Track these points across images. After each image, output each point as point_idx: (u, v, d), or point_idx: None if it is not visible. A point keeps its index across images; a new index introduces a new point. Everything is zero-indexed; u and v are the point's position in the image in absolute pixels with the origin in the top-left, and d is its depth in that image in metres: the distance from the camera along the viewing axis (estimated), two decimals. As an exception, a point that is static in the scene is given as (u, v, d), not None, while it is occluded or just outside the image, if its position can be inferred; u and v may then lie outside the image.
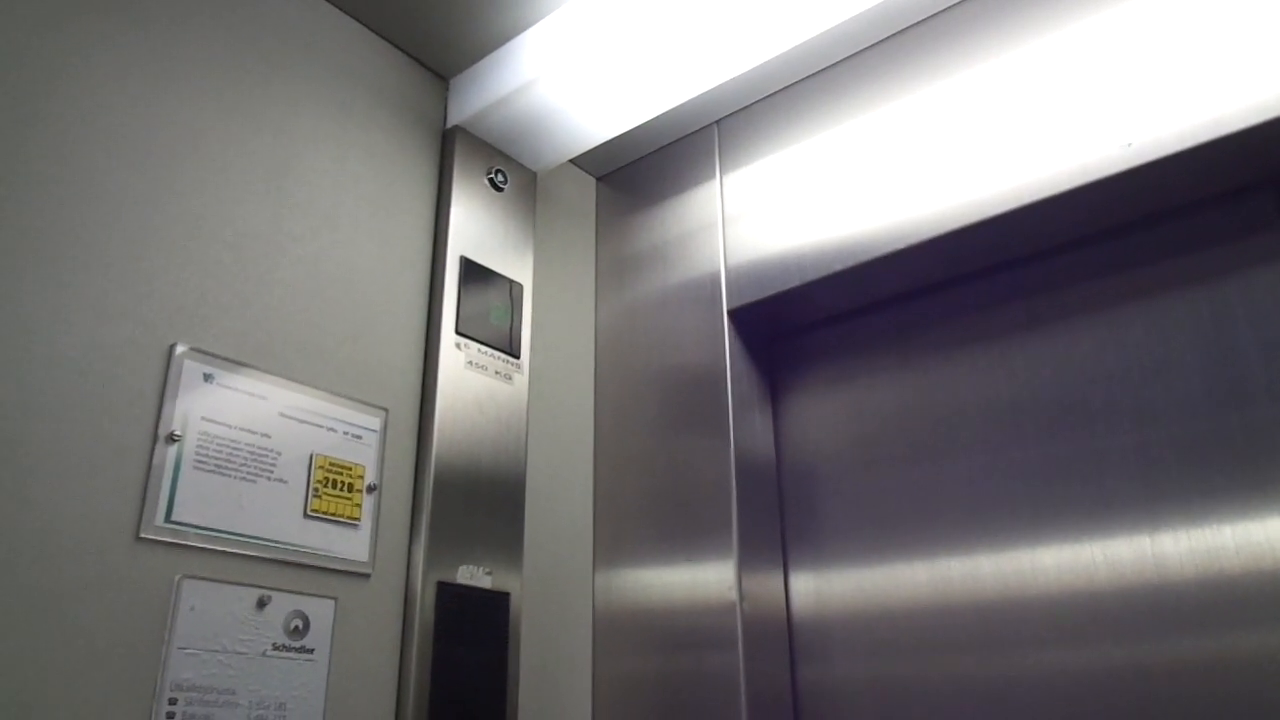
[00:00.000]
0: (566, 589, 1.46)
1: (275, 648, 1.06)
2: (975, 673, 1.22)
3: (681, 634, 1.36)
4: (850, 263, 1.34)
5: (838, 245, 1.36)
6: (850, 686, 1.32)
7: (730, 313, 1.47)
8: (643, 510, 1.46)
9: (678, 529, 1.41)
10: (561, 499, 1.50)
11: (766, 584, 1.39)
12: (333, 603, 1.13)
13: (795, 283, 1.39)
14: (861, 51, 1.44)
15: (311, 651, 1.10)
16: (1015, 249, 1.31)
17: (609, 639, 1.45)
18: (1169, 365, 1.17)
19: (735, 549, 1.34)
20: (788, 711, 1.35)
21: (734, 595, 1.32)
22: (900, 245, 1.30)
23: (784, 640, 1.39)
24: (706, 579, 1.35)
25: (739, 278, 1.47)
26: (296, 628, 1.09)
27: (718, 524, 1.37)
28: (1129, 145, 1.14)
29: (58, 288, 0.99)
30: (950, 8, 1.35)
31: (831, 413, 1.46)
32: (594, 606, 1.48)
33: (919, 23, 1.38)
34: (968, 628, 1.24)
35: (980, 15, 1.32)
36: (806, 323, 1.52)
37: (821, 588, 1.39)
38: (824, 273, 1.36)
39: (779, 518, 1.46)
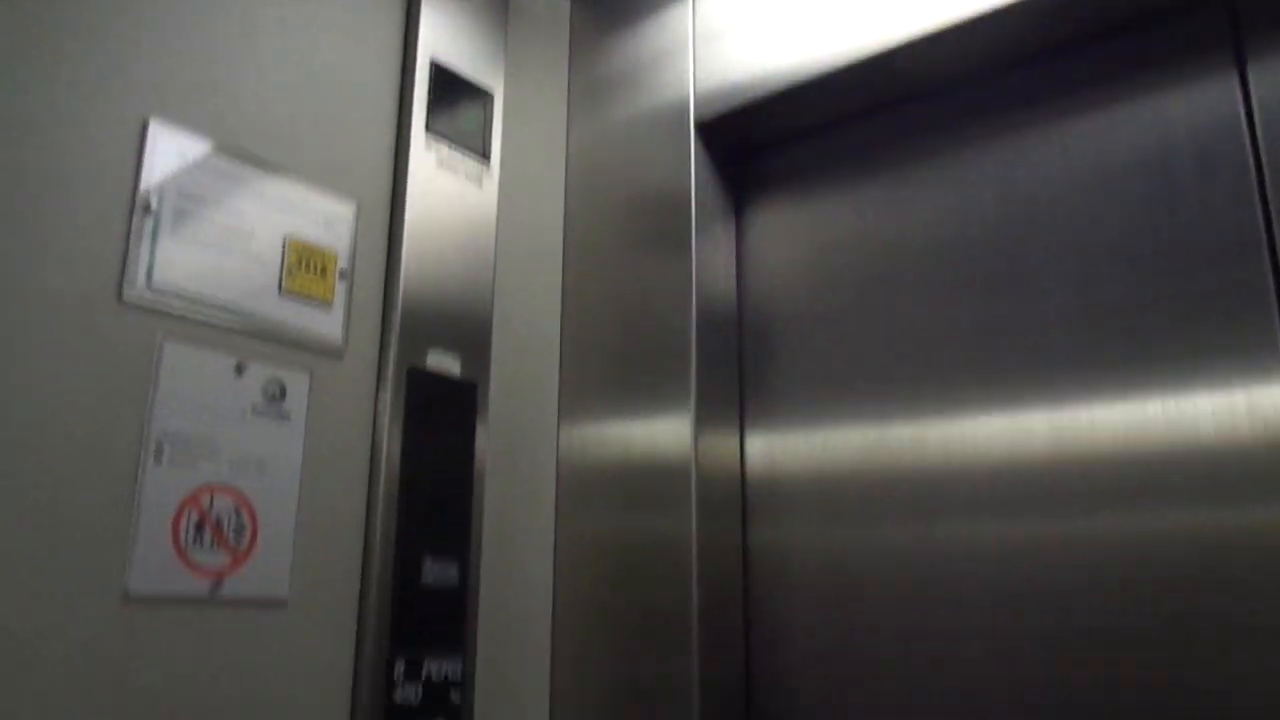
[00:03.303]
0: (532, 383, 1.53)
1: (254, 410, 1.14)
2: (920, 538, 1.26)
3: (637, 490, 1.41)
4: (813, 73, 1.36)
5: (803, 58, 1.38)
6: (799, 550, 1.37)
7: (698, 126, 1.49)
8: (606, 330, 1.52)
9: (638, 362, 1.45)
10: (529, 306, 1.55)
11: (722, 442, 1.44)
12: (308, 375, 1.20)
13: (760, 94, 1.41)
14: None
15: (289, 417, 1.17)
16: (970, 62, 1.33)
17: (572, 443, 1.53)
18: (1111, 189, 1.22)
19: (693, 396, 1.38)
20: (737, 573, 1.40)
21: (690, 451, 1.36)
22: (860, 56, 1.32)
23: (737, 502, 1.44)
24: (665, 431, 1.40)
25: (707, 92, 1.49)
26: (274, 394, 1.16)
27: (678, 367, 1.40)
28: (1088, -49, 1.15)
29: (35, 60, 1.01)
30: None
31: (790, 241, 1.50)
32: (560, 405, 1.56)
33: None
34: (914, 493, 1.27)
35: None
36: (769, 138, 1.54)
37: (774, 447, 1.43)
38: (787, 84, 1.39)
39: (737, 361, 1.50)
